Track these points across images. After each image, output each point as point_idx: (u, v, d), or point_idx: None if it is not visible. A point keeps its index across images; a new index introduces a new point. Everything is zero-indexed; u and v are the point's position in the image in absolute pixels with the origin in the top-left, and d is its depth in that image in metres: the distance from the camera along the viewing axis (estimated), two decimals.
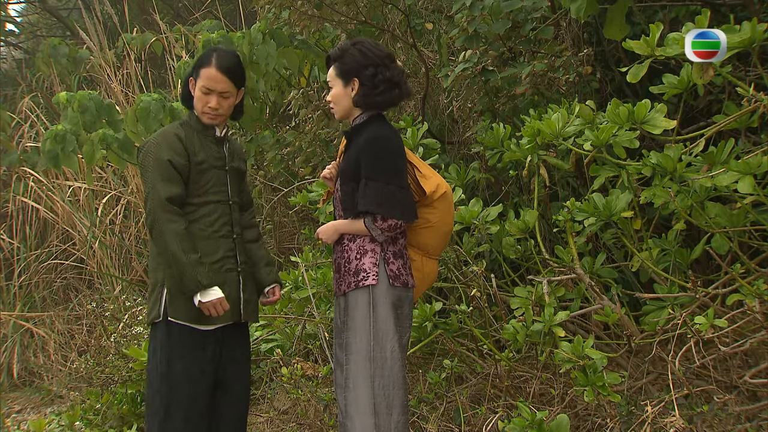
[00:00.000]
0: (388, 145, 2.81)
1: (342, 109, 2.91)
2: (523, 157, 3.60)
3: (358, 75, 2.85)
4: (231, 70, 2.95)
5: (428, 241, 2.93)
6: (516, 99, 4.41)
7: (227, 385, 3.00)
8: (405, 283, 2.84)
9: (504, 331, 3.22)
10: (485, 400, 3.49)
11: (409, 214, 2.82)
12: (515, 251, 3.71)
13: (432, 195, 2.86)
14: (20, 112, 8.09)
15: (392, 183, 2.77)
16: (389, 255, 2.84)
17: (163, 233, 2.81)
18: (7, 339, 6.73)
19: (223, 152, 3.04)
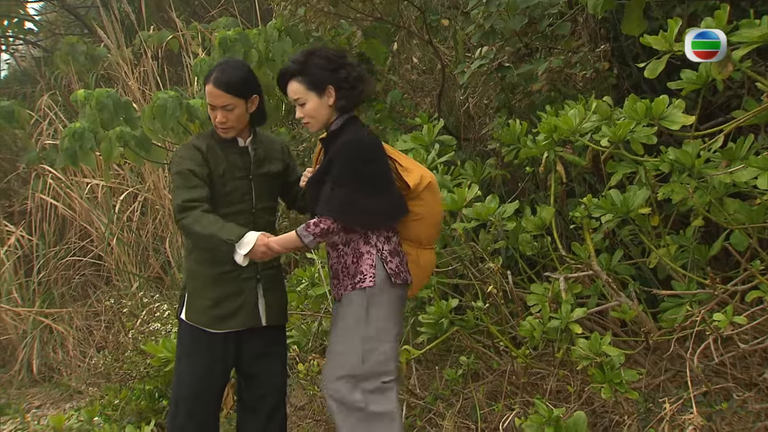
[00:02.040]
0: (363, 150, 2.79)
1: (321, 120, 2.86)
2: (540, 153, 3.58)
3: (332, 81, 2.81)
4: (228, 83, 2.91)
5: (420, 233, 2.93)
6: (532, 95, 4.39)
7: (261, 380, 3.05)
8: (405, 279, 2.86)
9: (520, 328, 3.21)
10: (502, 396, 3.48)
11: (378, 220, 2.81)
12: (532, 248, 3.69)
13: (416, 187, 2.84)
14: (39, 110, 8.15)
15: (362, 189, 2.75)
16: (386, 254, 2.82)
17: (187, 229, 2.87)
18: (26, 335, 6.79)
19: (248, 161, 3.05)
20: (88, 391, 5.58)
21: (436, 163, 3.91)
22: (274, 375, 3.09)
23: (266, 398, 3.06)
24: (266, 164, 3.09)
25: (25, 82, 9.91)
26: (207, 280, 3.00)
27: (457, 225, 3.72)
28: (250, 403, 3.11)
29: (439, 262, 3.96)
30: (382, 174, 2.81)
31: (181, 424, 3.02)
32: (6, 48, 10.40)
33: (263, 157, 3.08)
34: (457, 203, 3.66)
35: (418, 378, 3.88)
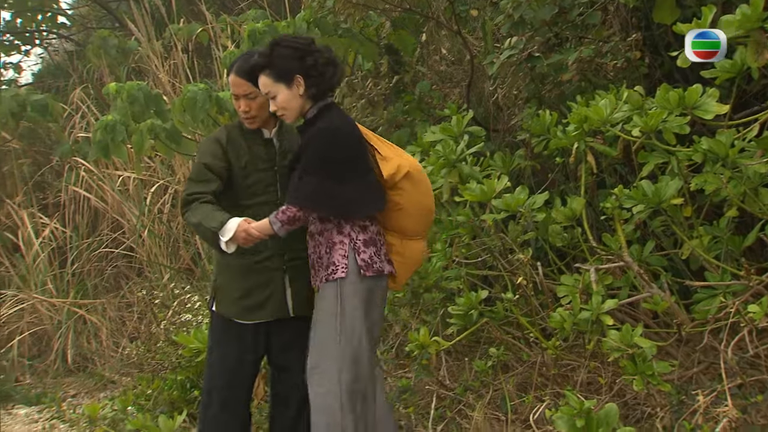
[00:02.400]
0: (333, 137, 2.76)
1: (294, 110, 2.83)
2: (570, 144, 3.56)
3: (299, 70, 2.77)
4: (250, 72, 2.90)
5: (402, 224, 2.88)
6: (562, 85, 4.36)
7: (292, 371, 3.04)
8: (379, 270, 2.80)
9: (551, 320, 3.20)
10: (532, 388, 3.47)
11: (346, 209, 2.78)
12: (562, 239, 3.67)
13: (393, 177, 2.78)
14: (72, 103, 8.24)
15: (330, 177, 2.72)
16: (359, 244, 2.79)
17: (186, 221, 2.94)
18: (61, 325, 6.89)
19: (273, 153, 3.05)
20: (121, 381, 5.66)
21: (464, 155, 3.90)
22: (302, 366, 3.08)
23: (297, 390, 3.04)
24: (292, 155, 3.07)
25: (59, 75, 10.02)
26: (236, 271, 3.02)
27: (487, 216, 3.71)
28: (282, 394, 3.12)
29: (468, 254, 3.96)
30: (353, 162, 2.76)
31: (214, 413, 3.06)
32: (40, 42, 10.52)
33: (289, 149, 3.07)
34: (487, 194, 3.64)
35: (448, 369, 3.88)
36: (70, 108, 8.17)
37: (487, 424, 3.34)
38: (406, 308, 4.23)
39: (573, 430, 2.55)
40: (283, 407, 3.11)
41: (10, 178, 8.44)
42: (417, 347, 3.52)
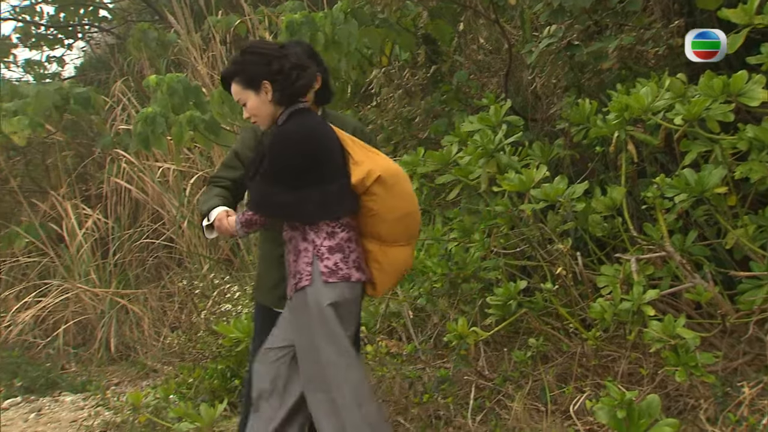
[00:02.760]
0: (289, 142, 2.72)
1: (265, 116, 2.81)
2: (610, 133, 3.52)
3: (266, 77, 2.75)
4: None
5: (378, 230, 2.79)
6: (602, 74, 4.31)
7: None
8: (345, 277, 2.72)
9: (591, 310, 3.17)
10: (572, 379, 3.45)
11: (299, 214, 2.74)
12: (602, 229, 3.64)
13: (362, 182, 2.71)
14: (113, 96, 8.36)
15: (283, 181, 2.69)
16: (323, 251, 2.72)
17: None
18: (104, 315, 7.02)
19: None
20: (163, 370, 5.74)
21: (503, 144, 3.88)
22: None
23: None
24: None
25: (100, 68, 10.17)
26: (272, 260, 3.05)
27: (525, 206, 3.69)
28: None
29: (506, 244, 3.94)
30: (310, 168, 2.70)
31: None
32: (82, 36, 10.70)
33: None
34: (525, 184, 3.62)
35: (486, 360, 3.87)
36: (111, 100, 8.30)
37: (527, 415, 3.33)
38: (444, 298, 4.23)
39: (614, 421, 2.53)
40: None
41: (54, 170, 8.60)
42: (455, 337, 3.51)
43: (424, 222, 4.80)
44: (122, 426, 4.42)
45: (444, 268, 3.94)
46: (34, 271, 7.80)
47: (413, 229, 2.90)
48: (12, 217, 8.58)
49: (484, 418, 3.46)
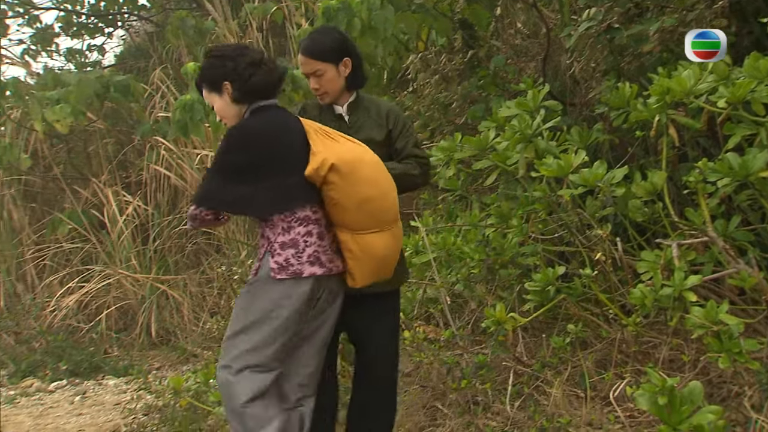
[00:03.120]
0: (233, 138, 2.74)
1: (231, 117, 2.83)
2: (651, 117, 3.47)
3: (224, 77, 2.77)
4: (313, 50, 2.96)
5: (343, 218, 2.76)
6: (643, 57, 4.24)
7: (369, 346, 3.07)
8: (296, 273, 2.71)
9: (631, 296, 3.14)
10: (612, 365, 3.42)
11: (238, 208, 2.85)
12: (642, 214, 3.59)
13: (316, 172, 2.69)
14: (152, 84, 8.45)
15: (224, 176, 2.71)
16: (275, 246, 2.72)
17: None
18: (145, 300, 7.13)
19: (344, 128, 3.03)
20: (203, 355, 5.82)
21: (541, 129, 3.85)
22: (380, 341, 3.07)
23: (374, 364, 3.07)
24: (364, 131, 3.05)
25: (139, 56, 10.27)
26: None
27: (564, 191, 3.65)
28: (360, 369, 3.13)
29: (544, 229, 3.92)
30: (257, 163, 2.71)
31: None
32: (121, 24, 10.81)
33: (361, 124, 3.07)
34: (564, 169, 3.59)
35: (525, 346, 3.85)
36: (150, 88, 8.38)
37: (566, 401, 3.32)
38: (481, 284, 4.22)
39: (655, 407, 2.51)
40: (362, 380, 3.12)
41: (96, 157, 8.73)
42: (493, 323, 3.50)
43: (461, 208, 4.80)
44: (164, 409, 4.49)
45: (481, 253, 3.93)
46: (77, 257, 7.95)
47: (382, 215, 2.80)
48: (56, 204, 8.74)
49: (523, 404, 3.46)
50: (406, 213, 6.05)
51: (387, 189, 2.81)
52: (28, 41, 9.97)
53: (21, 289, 8.14)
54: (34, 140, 8.57)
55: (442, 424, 3.57)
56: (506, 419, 3.41)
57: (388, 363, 3.10)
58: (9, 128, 8.46)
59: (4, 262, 8.25)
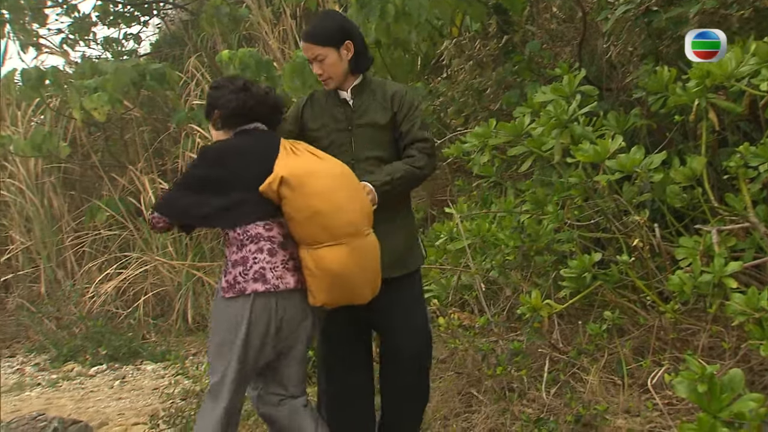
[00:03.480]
0: (199, 154, 2.88)
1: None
2: (690, 101, 3.41)
3: (214, 106, 2.92)
4: (313, 35, 2.97)
5: (297, 232, 2.75)
6: (682, 40, 4.16)
7: (395, 330, 3.05)
8: (242, 291, 2.71)
9: (669, 282, 3.10)
10: (649, 352, 3.39)
11: (173, 213, 2.84)
12: (680, 200, 3.54)
13: (269, 187, 2.72)
14: (187, 72, 8.51)
15: (182, 187, 2.83)
16: (228, 265, 2.77)
17: None
18: (181, 287, 7.22)
19: (348, 112, 3.04)
20: None
21: (576, 115, 3.81)
22: (404, 326, 3.05)
23: (403, 349, 3.05)
24: (368, 114, 3.03)
25: (174, 44, 10.36)
26: None
27: (600, 177, 3.61)
28: (388, 354, 3.11)
29: (580, 216, 3.89)
30: (209, 176, 2.79)
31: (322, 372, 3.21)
32: (157, 13, 10.90)
33: (365, 108, 3.05)
34: (600, 155, 3.54)
35: (561, 332, 3.84)
36: (185, 76, 8.45)
37: (603, 388, 3.30)
38: (516, 271, 4.20)
39: (694, 395, 2.48)
40: (390, 366, 3.11)
41: (132, 145, 8.83)
42: (528, 310, 3.49)
43: (495, 194, 4.77)
44: (201, 394, 4.55)
45: (516, 240, 3.91)
46: (115, 243, 8.07)
47: (337, 229, 2.72)
48: (94, 192, 8.87)
49: (559, 391, 3.44)
50: (440, 200, 6.04)
51: (343, 202, 2.74)
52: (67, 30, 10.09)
53: (61, 276, 8.29)
54: (73, 128, 8.69)
55: (478, 410, 3.57)
56: (542, 406, 3.40)
57: (412, 346, 3.05)
58: (48, 117, 8.60)
59: (44, 249, 8.40)
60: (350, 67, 3.02)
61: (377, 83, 3.13)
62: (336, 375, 3.17)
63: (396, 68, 5.84)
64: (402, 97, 3.06)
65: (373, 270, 2.82)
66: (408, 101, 3.06)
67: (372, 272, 2.82)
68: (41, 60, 11.07)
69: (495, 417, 3.45)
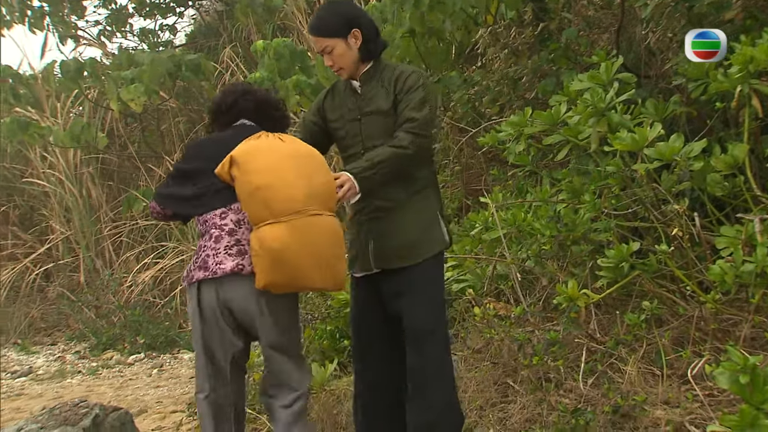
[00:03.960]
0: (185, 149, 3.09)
1: None
2: (732, 87, 3.35)
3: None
4: (317, 27, 2.95)
5: (247, 213, 2.77)
6: (724, 25, 4.08)
7: (404, 317, 2.99)
8: (190, 279, 2.81)
9: (710, 272, 3.06)
10: (689, 343, 3.34)
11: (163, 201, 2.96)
12: (721, 188, 3.48)
13: (222, 169, 2.78)
14: (222, 62, 8.57)
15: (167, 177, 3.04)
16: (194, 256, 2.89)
17: None
18: None
19: (358, 101, 3.02)
20: None
21: (614, 103, 3.75)
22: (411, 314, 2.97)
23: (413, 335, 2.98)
24: (374, 101, 2.99)
25: (209, 35, 10.43)
26: (349, 225, 3.14)
27: (639, 166, 3.56)
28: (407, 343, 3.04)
29: (617, 205, 3.84)
30: (183, 169, 2.95)
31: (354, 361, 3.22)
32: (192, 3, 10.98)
33: (372, 95, 3.00)
34: (638, 143, 3.49)
35: (598, 323, 3.80)
36: (220, 66, 8.50)
37: (641, 379, 3.26)
38: (552, 261, 4.17)
39: (736, 386, 2.44)
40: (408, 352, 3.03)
41: (168, 135, 8.94)
42: (565, 300, 3.45)
43: (531, 183, 4.73)
44: None
45: (553, 229, 3.87)
46: (152, 233, 8.17)
47: (278, 204, 2.68)
48: (131, 182, 8.99)
49: (596, 382, 3.41)
50: (475, 189, 6.01)
51: (287, 179, 2.71)
52: (104, 22, 10.21)
53: (100, 265, 8.43)
54: (110, 119, 8.81)
55: (514, 400, 3.56)
56: (579, 396, 3.37)
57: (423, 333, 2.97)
58: (87, 108, 8.71)
59: (83, 239, 8.54)
60: (361, 55, 2.97)
61: (389, 68, 3.04)
62: (364, 365, 3.17)
63: (430, 57, 5.82)
64: (405, 79, 2.97)
65: (321, 254, 2.72)
66: (409, 83, 2.95)
67: (319, 257, 2.72)
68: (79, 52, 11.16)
69: (531, 407, 3.43)
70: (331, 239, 2.77)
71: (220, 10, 10.77)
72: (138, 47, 10.36)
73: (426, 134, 2.97)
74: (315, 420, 3.82)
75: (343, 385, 4.07)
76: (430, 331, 2.99)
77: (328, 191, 2.79)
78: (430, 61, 5.81)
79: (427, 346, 2.97)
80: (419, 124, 2.91)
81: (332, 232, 2.77)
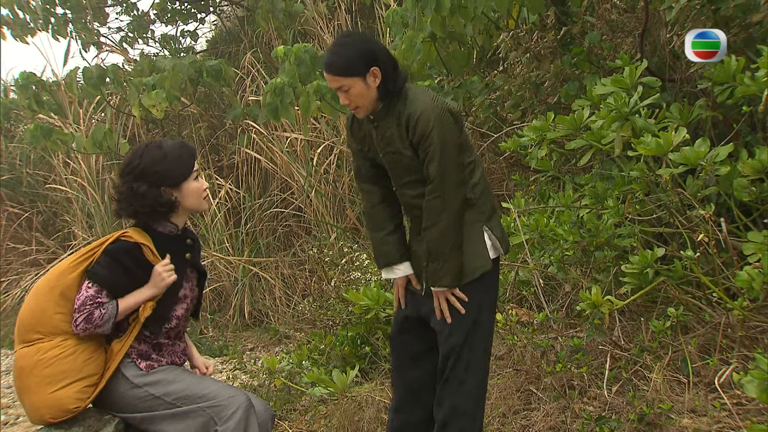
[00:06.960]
0: None
1: None
2: (759, 91, 3.30)
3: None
4: (333, 65, 2.72)
5: None
6: (751, 28, 4.02)
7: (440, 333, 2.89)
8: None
9: (737, 278, 3.01)
10: (716, 350, 3.29)
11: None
12: (749, 193, 3.42)
13: None
14: (243, 68, 8.59)
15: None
16: None
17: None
18: (237, 282, 7.28)
19: (376, 140, 2.87)
20: (295, 336, 5.89)
21: (638, 107, 3.71)
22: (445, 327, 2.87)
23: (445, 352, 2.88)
24: (393, 143, 2.81)
25: (230, 41, 10.47)
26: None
27: (663, 171, 3.52)
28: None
29: (641, 210, 3.79)
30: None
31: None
32: (213, 9, 11.04)
33: (389, 136, 2.81)
34: (663, 148, 3.45)
35: (622, 329, 3.75)
36: (241, 72, 8.53)
37: (667, 386, 3.22)
38: (576, 267, 4.12)
39: (765, 395, 2.39)
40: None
41: (189, 141, 8.95)
42: (589, 306, 3.40)
43: (553, 189, 4.69)
44: (259, 389, 4.58)
45: (576, 235, 3.84)
46: None
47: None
48: None
49: (621, 389, 3.37)
50: (497, 194, 5.97)
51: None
52: (126, 29, 10.28)
53: None
54: (132, 125, 8.85)
55: (537, 408, 3.52)
56: (603, 404, 3.33)
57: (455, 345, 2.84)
58: (109, 114, 8.77)
59: None
60: (380, 94, 2.77)
61: (401, 101, 2.80)
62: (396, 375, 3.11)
63: (451, 62, 5.79)
64: (415, 124, 2.74)
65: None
66: (420, 129, 2.73)
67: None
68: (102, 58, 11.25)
69: (555, 414, 3.39)
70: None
71: (240, 15, 10.81)
72: (159, 53, 10.43)
73: (452, 181, 2.76)
74: (337, 427, 3.79)
75: (364, 392, 4.04)
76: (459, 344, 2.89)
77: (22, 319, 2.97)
78: (451, 66, 5.79)
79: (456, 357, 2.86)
80: (439, 182, 2.74)
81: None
